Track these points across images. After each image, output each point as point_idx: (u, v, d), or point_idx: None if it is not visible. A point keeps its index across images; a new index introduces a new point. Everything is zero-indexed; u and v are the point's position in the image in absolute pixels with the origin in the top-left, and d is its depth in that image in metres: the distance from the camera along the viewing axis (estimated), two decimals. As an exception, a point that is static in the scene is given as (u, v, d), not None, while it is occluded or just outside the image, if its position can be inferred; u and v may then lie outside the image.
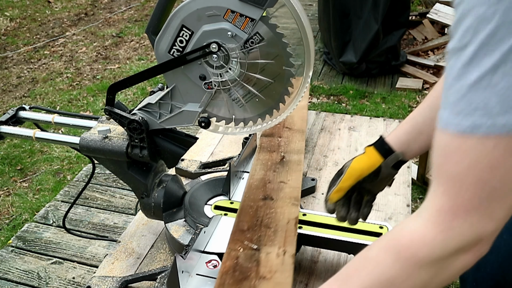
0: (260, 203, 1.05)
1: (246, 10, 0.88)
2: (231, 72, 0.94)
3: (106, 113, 1.00)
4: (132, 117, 0.99)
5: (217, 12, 0.89)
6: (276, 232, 0.97)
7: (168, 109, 1.00)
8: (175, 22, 0.91)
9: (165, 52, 0.94)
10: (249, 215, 1.02)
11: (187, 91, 0.98)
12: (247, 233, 0.97)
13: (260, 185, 1.12)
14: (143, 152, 1.02)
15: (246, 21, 0.89)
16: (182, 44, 0.92)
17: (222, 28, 0.90)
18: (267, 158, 1.24)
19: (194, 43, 0.92)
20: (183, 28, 0.91)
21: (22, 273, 2.06)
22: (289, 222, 0.99)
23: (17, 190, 2.69)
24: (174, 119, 1.01)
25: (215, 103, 0.99)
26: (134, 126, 0.99)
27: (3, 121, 1.12)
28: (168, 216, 1.12)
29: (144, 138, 1.00)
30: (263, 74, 0.93)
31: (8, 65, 4.23)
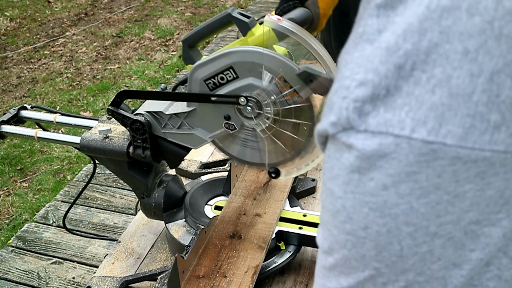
0: (226, 242, 1.01)
1: (298, 86, 0.85)
2: (257, 126, 0.92)
3: (109, 113, 1.00)
4: (135, 118, 0.98)
5: (270, 74, 0.86)
6: (230, 283, 0.92)
7: (177, 125, 0.98)
8: (226, 60, 0.87)
9: (200, 79, 0.90)
10: (210, 257, 0.97)
11: (205, 119, 0.95)
12: (201, 281, 0.92)
13: (234, 218, 1.07)
14: (146, 153, 1.01)
15: (293, 94, 0.86)
16: (222, 81, 0.89)
17: (269, 90, 0.87)
18: (253, 179, 1.19)
19: (235, 88, 0.88)
20: (230, 69, 0.87)
21: (22, 273, 2.06)
22: (248, 271, 0.94)
23: (17, 190, 2.69)
24: (179, 136, 0.99)
25: (231, 140, 0.97)
26: (137, 126, 0.99)
27: (4, 121, 1.12)
28: (169, 216, 1.12)
29: (146, 139, 1.00)
30: (288, 130, 0.91)
31: (8, 65, 4.23)
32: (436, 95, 0.31)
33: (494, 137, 0.30)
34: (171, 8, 5.41)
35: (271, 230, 1.03)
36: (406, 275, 0.35)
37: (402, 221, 0.33)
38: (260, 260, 0.97)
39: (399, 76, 0.32)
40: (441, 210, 0.33)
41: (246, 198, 1.14)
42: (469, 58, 0.30)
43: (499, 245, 0.34)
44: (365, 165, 0.33)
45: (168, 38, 4.62)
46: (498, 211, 0.33)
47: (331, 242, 0.38)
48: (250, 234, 1.02)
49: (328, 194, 0.37)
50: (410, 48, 0.31)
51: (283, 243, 1.05)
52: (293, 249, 1.04)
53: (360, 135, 0.33)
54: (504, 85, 0.30)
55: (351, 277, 0.37)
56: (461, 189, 0.32)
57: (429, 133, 0.31)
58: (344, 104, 0.33)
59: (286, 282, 1.04)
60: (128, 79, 3.87)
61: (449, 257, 0.34)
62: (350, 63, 0.35)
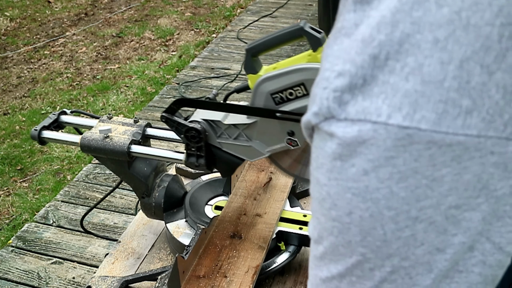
0: (226, 242, 1.00)
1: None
2: None
3: (163, 120, 0.96)
4: (191, 125, 0.95)
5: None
6: (231, 283, 0.91)
7: (234, 135, 0.95)
8: (297, 76, 0.84)
9: (267, 92, 0.87)
10: (211, 257, 0.96)
11: (265, 132, 0.92)
12: (201, 281, 0.92)
13: (234, 218, 1.07)
14: (200, 161, 0.98)
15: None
16: (290, 96, 0.86)
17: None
18: (254, 179, 1.19)
19: (303, 105, 0.86)
20: (301, 85, 0.85)
21: (22, 273, 2.06)
22: (248, 271, 0.94)
23: (17, 190, 2.69)
24: (235, 147, 0.96)
25: (287, 154, 0.95)
26: (193, 134, 0.95)
27: (46, 126, 1.08)
28: (169, 216, 1.12)
29: (202, 147, 0.96)
30: None
31: (8, 65, 4.23)
32: (409, 82, 0.32)
33: (466, 122, 0.32)
34: (171, 8, 5.41)
35: (271, 230, 1.03)
36: (392, 260, 0.36)
37: (384, 205, 0.34)
38: (261, 260, 0.97)
39: (375, 66, 0.33)
40: (420, 194, 0.34)
41: (246, 198, 1.14)
42: (439, 47, 0.31)
43: (479, 228, 0.34)
44: (346, 152, 0.34)
45: (168, 38, 4.62)
46: (477, 196, 0.33)
47: (319, 230, 0.39)
48: (250, 234, 1.02)
49: (315, 183, 0.39)
50: (384, 39, 0.33)
51: (283, 243, 1.05)
52: (293, 249, 1.04)
53: (340, 124, 0.34)
54: (474, 71, 0.31)
55: (340, 264, 0.38)
56: (438, 173, 0.33)
57: (404, 118, 0.32)
58: (324, 94, 0.35)
59: (286, 282, 1.04)
60: (128, 79, 3.87)
61: (432, 242, 0.35)
62: (329, 56, 0.36)
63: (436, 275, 0.36)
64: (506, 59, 0.31)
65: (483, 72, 0.31)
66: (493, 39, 0.31)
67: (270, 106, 0.88)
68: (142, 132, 1.05)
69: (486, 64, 0.31)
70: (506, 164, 0.33)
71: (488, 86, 0.31)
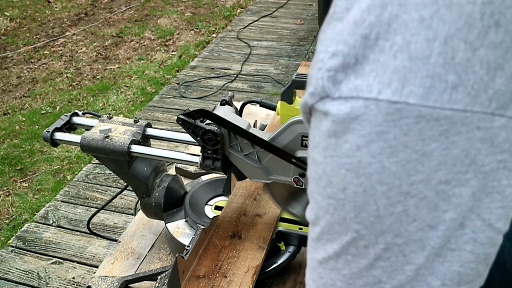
0: (226, 242, 1.00)
1: None
2: None
3: (179, 122, 0.95)
4: (208, 128, 0.94)
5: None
6: (231, 283, 0.91)
7: (246, 152, 0.94)
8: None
9: (299, 133, 0.87)
10: (210, 257, 0.97)
11: (278, 163, 0.92)
12: (201, 281, 0.92)
13: (234, 218, 1.06)
14: (216, 164, 0.98)
15: None
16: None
17: None
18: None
19: None
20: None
21: (22, 273, 2.06)
22: (248, 271, 0.94)
23: (17, 190, 2.69)
24: (242, 162, 0.95)
25: (286, 188, 0.96)
26: (209, 137, 0.94)
27: (58, 128, 1.07)
28: (169, 216, 1.12)
29: (218, 150, 0.95)
30: None
31: (8, 65, 4.23)
32: (398, 59, 0.33)
33: (453, 96, 0.33)
34: (171, 8, 5.41)
35: (271, 230, 1.03)
36: (385, 237, 0.37)
37: (376, 180, 0.35)
38: (261, 260, 0.97)
39: (366, 45, 0.35)
40: (411, 169, 0.34)
41: (246, 198, 1.13)
42: (425, 25, 0.33)
43: (469, 204, 0.35)
44: (340, 128, 0.36)
45: (168, 38, 4.62)
46: (465, 171, 0.34)
47: (316, 211, 0.40)
48: (250, 235, 1.02)
49: (312, 163, 0.40)
50: (373, 20, 0.34)
51: (283, 244, 1.05)
52: (293, 249, 1.04)
53: (334, 102, 0.35)
54: (458, 48, 0.32)
55: (336, 243, 0.39)
56: (427, 147, 0.34)
57: (393, 93, 0.33)
58: (319, 75, 0.36)
59: (286, 282, 1.04)
60: (128, 79, 3.87)
61: (424, 218, 0.36)
62: (323, 40, 0.38)
63: (429, 253, 0.36)
64: (489, 36, 0.32)
65: (467, 48, 0.32)
66: (475, 17, 0.32)
67: (296, 144, 0.88)
68: (142, 132, 1.05)
69: (470, 40, 0.32)
70: (493, 139, 0.33)
71: (472, 62, 0.32)
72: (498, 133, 0.33)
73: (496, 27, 0.32)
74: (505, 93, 0.33)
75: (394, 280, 0.38)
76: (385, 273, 0.38)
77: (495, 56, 0.32)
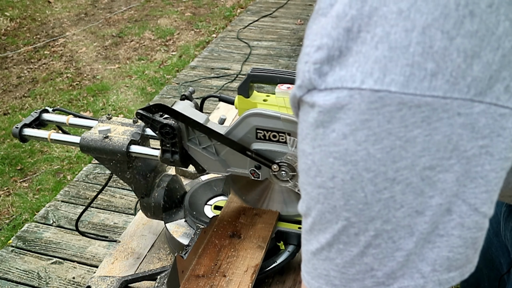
0: (225, 242, 1.00)
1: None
2: (294, 187, 0.93)
3: (138, 116, 0.97)
4: (166, 122, 0.96)
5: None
6: (230, 282, 0.92)
7: (204, 145, 0.97)
8: (287, 126, 0.88)
9: (254, 126, 0.90)
10: (210, 257, 0.97)
11: (235, 155, 0.95)
12: (200, 280, 0.92)
13: (233, 218, 1.07)
14: (175, 157, 1.00)
15: None
16: (273, 138, 0.90)
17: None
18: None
19: (279, 150, 0.90)
20: (287, 134, 0.88)
21: (22, 273, 2.06)
22: (247, 270, 0.94)
23: (17, 190, 2.69)
24: (200, 155, 0.98)
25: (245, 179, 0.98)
26: (167, 130, 0.97)
27: (27, 124, 1.10)
28: (168, 216, 1.12)
29: (176, 143, 0.98)
30: None
31: (8, 65, 4.23)
32: (379, 50, 0.35)
33: (432, 84, 0.34)
34: (171, 8, 5.41)
35: (270, 229, 1.03)
36: (374, 223, 0.37)
37: (362, 167, 0.36)
38: (260, 260, 0.97)
39: (349, 38, 0.36)
40: (395, 155, 0.35)
41: None
42: (403, 16, 0.34)
43: (454, 190, 0.36)
44: (327, 118, 0.37)
45: (168, 38, 4.62)
46: (449, 157, 0.35)
47: (307, 201, 0.41)
48: (249, 234, 1.02)
49: (301, 155, 0.41)
50: (355, 13, 0.36)
51: (283, 243, 1.05)
52: (293, 248, 1.04)
53: (321, 93, 0.37)
54: (435, 37, 0.33)
55: (328, 232, 0.40)
56: (410, 134, 0.35)
57: (375, 82, 0.34)
58: (306, 68, 0.37)
59: (286, 282, 1.04)
60: (128, 79, 3.87)
61: (411, 204, 0.36)
62: (309, 34, 0.39)
63: (418, 239, 0.37)
64: (464, 26, 0.33)
65: (444, 38, 0.33)
66: (451, 7, 0.33)
67: (250, 137, 0.91)
68: (141, 132, 1.05)
69: (446, 30, 0.33)
70: (473, 125, 0.34)
71: (449, 50, 0.33)
72: (478, 119, 0.34)
73: (471, 16, 0.33)
74: (482, 80, 0.34)
75: (385, 267, 0.38)
76: (376, 260, 0.38)
77: (471, 45, 0.33)
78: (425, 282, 0.38)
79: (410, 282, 0.38)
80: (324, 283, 0.41)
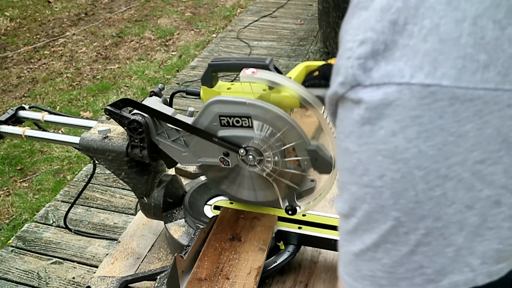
0: (226, 245, 1.00)
1: (302, 159, 0.90)
2: (262, 172, 0.94)
3: (106, 113, 1.00)
4: (133, 117, 0.99)
5: (262, 124, 0.89)
6: (234, 285, 0.91)
7: (173, 138, 0.98)
8: (247, 110, 0.88)
9: (216, 113, 0.91)
10: (211, 260, 0.97)
11: (203, 145, 0.96)
12: (203, 284, 0.92)
13: (232, 220, 1.06)
14: (143, 152, 1.02)
15: (295, 162, 0.92)
16: (236, 124, 0.91)
17: (271, 144, 0.90)
18: None
19: (244, 135, 0.91)
20: (248, 118, 0.89)
21: (22, 273, 2.06)
22: (250, 272, 0.94)
23: (17, 190, 2.69)
24: (170, 148, 0.99)
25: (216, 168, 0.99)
26: (134, 126, 0.99)
27: (2, 121, 1.12)
28: (168, 216, 1.12)
29: (144, 139, 1.00)
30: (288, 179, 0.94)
31: (8, 65, 4.23)
32: (428, 42, 0.34)
33: (484, 76, 0.33)
34: (171, 8, 5.41)
35: (270, 232, 1.03)
36: (425, 222, 0.36)
37: (414, 165, 0.35)
38: (262, 262, 0.96)
39: (394, 31, 0.35)
40: (448, 152, 0.34)
41: None
42: (453, 6, 0.33)
43: (503, 181, 0.35)
44: (374, 115, 0.36)
45: (168, 38, 4.62)
46: (498, 149, 0.34)
47: (351, 202, 0.40)
48: (249, 237, 1.02)
49: (344, 153, 0.39)
50: (400, 6, 0.35)
51: (283, 243, 1.05)
52: (293, 248, 1.04)
53: (366, 89, 0.35)
54: (487, 27, 0.32)
55: (374, 232, 0.39)
56: (463, 128, 0.34)
57: (426, 76, 0.33)
58: (349, 64, 0.36)
59: (286, 282, 1.04)
60: (128, 79, 3.87)
61: (462, 199, 0.36)
62: (350, 30, 0.38)
63: (467, 232, 0.36)
64: None
65: (495, 28, 0.33)
66: None
67: (215, 125, 0.92)
68: (141, 132, 1.05)
69: (498, 19, 0.32)
70: None
71: (501, 40, 0.33)
72: None
73: None
74: None
75: (435, 263, 0.38)
76: (426, 257, 0.38)
77: None
78: (474, 275, 0.37)
79: (460, 277, 0.37)
80: (369, 284, 0.40)
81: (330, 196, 1.30)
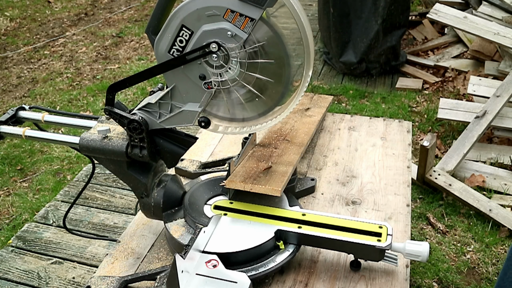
0: None
1: (245, 10, 0.89)
2: (231, 72, 0.94)
3: (106, 113, 1.01)
4: (132, 117, 0.99)
5: (216, 12, 0.90)
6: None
7: (168, 109, 1.01)
8: (175, 22, 0.92)
9: (165, 52, 0.95)
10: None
11: (187, 91, 0.99)
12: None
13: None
14: (143, 152, 1.02)
15: (246, 21, 0.90)
16: (182, 44, 0.93)
17: (222, 28, 0.91)
18: (253, 166, 1.20)
19: (194, 42, 0.93)
20: (183, 28, 0.92)
21: (22, 273, 2.06)
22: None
23: (17, 190, 2.69)
24: (174, 119, 1.02)
25: (215, 102, 1.00)
26: (134, 126, 1.00)
27: (2, 121, 1.13)
28: (168, 216, 1.12)
29: (144, 138, 1.01)
30: (263, 74, 0.94)
31: (8, 65, 4.23)
32: None
33: None
34: (171, 8, 5.41)
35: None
36: None
37: None
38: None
39: None
40: None
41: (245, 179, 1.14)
42: None
43: None
44: None
45: (168, 38, 4.62)
46: None
47: None
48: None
49: None
50: None
51: (282, 243, 1.05)
52: (293, 248, 1.04)
53: None
54: None
55: None
56: None
57: None
58: None
59: (286, 281, 1.04)
60: (128, 79, 3.87)
61: None
62: None
63: None
64: None
65: None
66: None
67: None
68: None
69: None
70: None
71: None
72: None
73: None
74: None
75: None
76: None
77: None
78: None
79: None
80: None
81: (330, 196, 1.30)
